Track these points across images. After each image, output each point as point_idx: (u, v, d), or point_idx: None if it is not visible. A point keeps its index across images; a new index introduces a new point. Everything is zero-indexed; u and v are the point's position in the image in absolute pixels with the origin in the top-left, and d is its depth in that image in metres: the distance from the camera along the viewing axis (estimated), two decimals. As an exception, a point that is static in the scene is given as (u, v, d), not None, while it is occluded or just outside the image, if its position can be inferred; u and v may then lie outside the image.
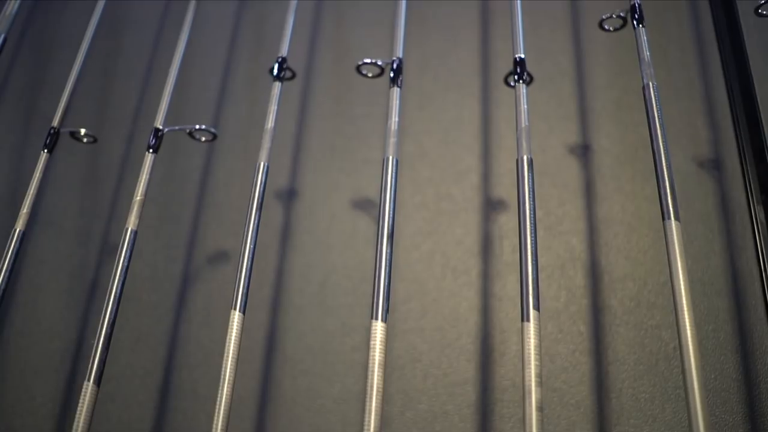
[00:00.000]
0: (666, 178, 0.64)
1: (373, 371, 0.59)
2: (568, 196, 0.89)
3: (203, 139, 0.77)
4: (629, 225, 0.86)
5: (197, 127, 0.76)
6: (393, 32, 0.76)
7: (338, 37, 1.05)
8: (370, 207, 0.91)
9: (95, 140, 0.83)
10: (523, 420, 0.57)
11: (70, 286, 0.95)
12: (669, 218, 0.62)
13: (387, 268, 0.62)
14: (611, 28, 0.79)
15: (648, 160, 0.88)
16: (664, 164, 0.64)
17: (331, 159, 0.95)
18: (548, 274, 0.84)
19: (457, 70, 0.99)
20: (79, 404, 0.62)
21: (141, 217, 0.95)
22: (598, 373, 0.80)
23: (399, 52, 0.74)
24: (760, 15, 0.75)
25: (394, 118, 0.69)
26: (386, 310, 0.61)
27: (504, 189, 0.91)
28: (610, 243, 0.86)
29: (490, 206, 0.90)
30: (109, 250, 0.97)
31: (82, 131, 0.81)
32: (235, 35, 1.05)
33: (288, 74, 0.78)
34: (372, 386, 0.58)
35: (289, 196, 0.93)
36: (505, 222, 0.89)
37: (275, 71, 0.75)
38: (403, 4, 0.77)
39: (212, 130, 0.76)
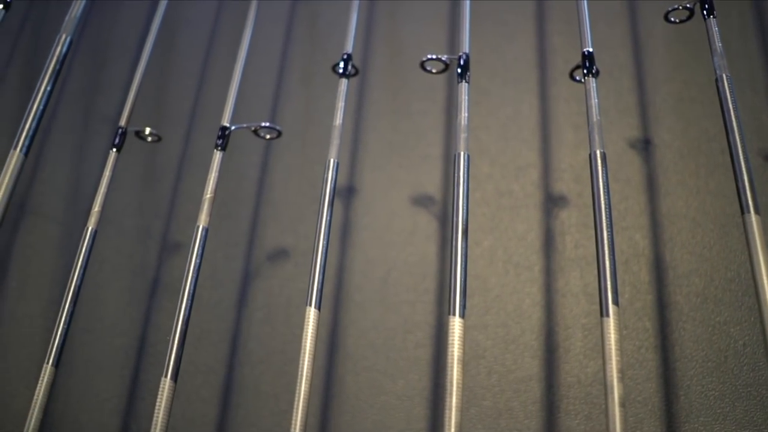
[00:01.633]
0: (744, 171, 0.63)
1: (452, 367, 0.59)
2: (630, 191, 0.88)
3: (268, 136, 0.77)
4: (694, 220, 0.85)
5: (263, 124, 0.76)
6: (458, 27, 0.76)
7: (392, 33, 1.04)
8: (429, 203, 0.91)
9: (159, 139, 0.83)
10: (606, 416, 0.56)
11: (132, 284, 0.96)
12: (749, 212, 0.61)
13: (463, 263, 0.62)
14: (677, 20, 0.78)
15: (711, 153, 0.87)
16: (741, 157, 0.63)
17: (389, 155, 0.95)
18: (613, 270, 0.84)
19: (514, 65, 0.98)
20: (158, 400, 0.63)
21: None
22: (665, 370, 0.79)
23: (465, 48, 0.73)
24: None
25: (464, 114, 0.69)
26: (464, 306, 0.61)
27: (565, 184, 0.90)
28: (674, 238, 0.85)
29: (551, 202, 0.89)
30: (169, 248, 0.97)
31: (147, 130, 0.82)
32: (289, 32, 1.05)
33: (352, 71, 0.78)
34: (452, 382, 0.58)
35: (348, 193, 0.94)
36: (567, 218, 0.88)
37: (341, 68, 0.75)
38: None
39: (277, 127, 0.76)
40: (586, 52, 0.72)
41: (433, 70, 0.78)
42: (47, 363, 0.69)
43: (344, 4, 1.06)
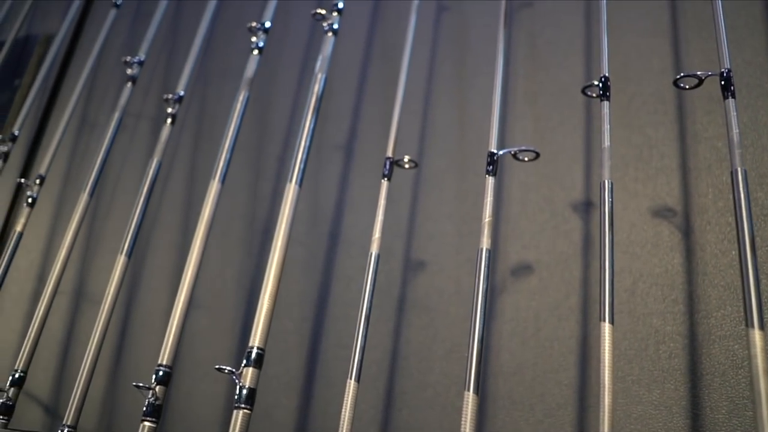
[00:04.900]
0: None
1: (758, 379, 0.60)
2: None
3: (526, 159, 0.81)
4: None
5: (522, 148, 0.80)
6: (717, 43, 0.77)
7: (615, 46, 1.05)
8: (670, 215, 0.92)
9: (416, 165, 0.89)
10: None
11: (379, 301, 1.02)
12: None
13: (755, 277, 0.63)
14: None
15: None
16: None
17: (624, 169, 0.96)
18: None
19: (745, 70, 0.97)
20: (463, 414, 0.68)
21: (442, 234, 1.02)
22: None
23: (726, 63, 0.74)
24: None
25: (735, 130, 0.70)
26: (761, 318, 0.62)
27: (813, 190, 0.89)
28: None
29: (801, 208, 0.88)
30: (412, 266, 1.03)
31: (406, 158, 0.87)
32: (508, 53, 1.09)
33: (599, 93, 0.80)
34: (760, 394, 0.60)
35: (586, 207, 0.96)
36: (818, 224, 0.87)
37: (600, 92, 0.78)
38: (720, 12, 0.77)
39: (536, 150, 0.80)
40: None
41: (687, 87, 0.79)
42: (350, 378, 0.75)
43: (562, 22, 1.09)
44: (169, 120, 1.07)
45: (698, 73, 0.76)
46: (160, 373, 0.84)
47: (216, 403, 1.11)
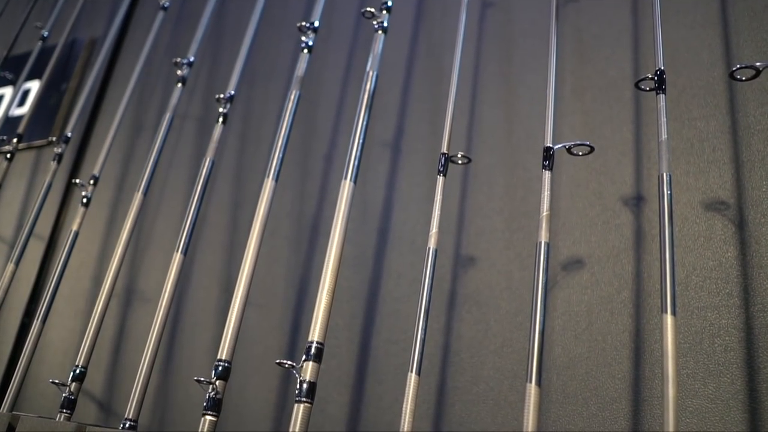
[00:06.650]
0: None
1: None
2: None
3: (581, 153, 0.81)
4: None
5: (576, 143, 0.80)
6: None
7: (664, 39, 1.06)
8: (723, 208, 0.92)
9: (469, 161, 0.90)
10: None
11: (432, 296, 1.03)
12: None
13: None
14: None
15: None
16: None
17: (676, 162, 0.96)
18: None
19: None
20: (525, 405, 0.68)
21: (492, 230, 1.02)
22: None
23: (784, 53, 0.74)
24: None
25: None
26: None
27: None
28: None
29: None
30: (462, 262, 1.04)
31: (459, 154, 0.88)
32: (557, 47, 1.09)
33: (654, 86, 0.80)
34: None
35: (636, 201, 0.96)
36: None
37: (656, 85, 0.78)
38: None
39: (591, 144, 0.80)
40: None
41: (743, 78, 0.79)
42: (411, 372, 0.76)
43: (608, 16, 1.09)
44: (220, 119, 1.09)
45: (757, 64, 0.75)
46: (220, 368, 0.85)
47: (267, 397, 1.13)
